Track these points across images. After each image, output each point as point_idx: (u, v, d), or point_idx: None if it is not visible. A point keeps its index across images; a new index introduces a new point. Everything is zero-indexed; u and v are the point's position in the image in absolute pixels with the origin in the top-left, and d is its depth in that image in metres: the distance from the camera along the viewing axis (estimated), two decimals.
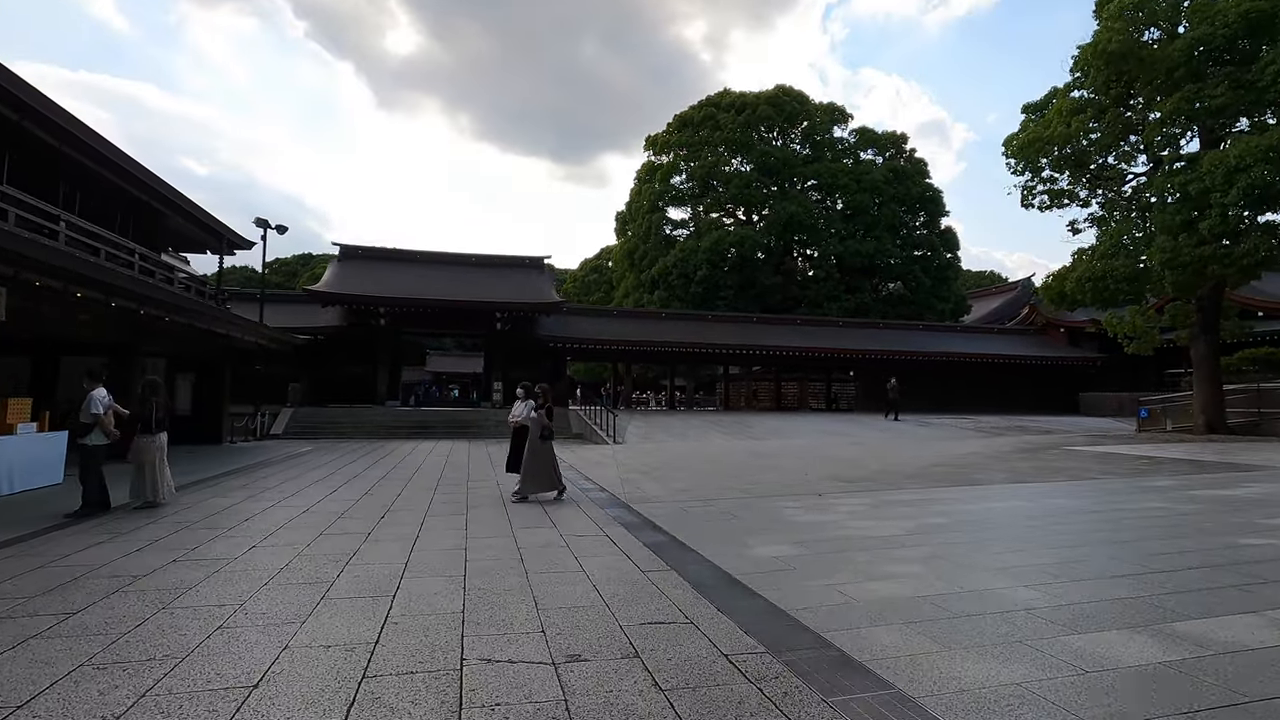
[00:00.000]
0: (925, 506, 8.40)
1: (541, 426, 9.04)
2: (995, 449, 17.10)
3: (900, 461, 14.11)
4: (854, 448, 17.76)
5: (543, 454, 9.05)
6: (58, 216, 10.84)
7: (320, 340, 24.88)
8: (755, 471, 12.39)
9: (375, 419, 23.28)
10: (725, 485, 10.51)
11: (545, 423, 9.08)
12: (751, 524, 7.36)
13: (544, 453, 9.07)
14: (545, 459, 9.06)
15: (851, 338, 33.14)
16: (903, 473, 12.09)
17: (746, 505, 8.61)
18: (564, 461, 14.22)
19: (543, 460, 9.05)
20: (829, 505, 8.58)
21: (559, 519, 7.64)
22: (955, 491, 9.74)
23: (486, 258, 30.34)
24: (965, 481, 10.78)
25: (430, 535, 6.69)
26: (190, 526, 6.94)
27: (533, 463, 9.00)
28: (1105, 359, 33.51)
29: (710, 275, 36.85)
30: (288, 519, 7.45)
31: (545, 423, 9.08)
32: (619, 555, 5.91)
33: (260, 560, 5.56)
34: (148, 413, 7.90)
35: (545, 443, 9.07)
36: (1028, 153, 19.59)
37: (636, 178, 43.34)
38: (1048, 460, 14.15)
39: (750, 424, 24.53)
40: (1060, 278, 19.70)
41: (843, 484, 10.58)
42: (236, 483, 10.57)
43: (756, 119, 39.22)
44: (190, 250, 19.92)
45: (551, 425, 9.22)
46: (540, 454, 9.04)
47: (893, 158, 41.59)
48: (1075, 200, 22.35)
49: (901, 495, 9.38)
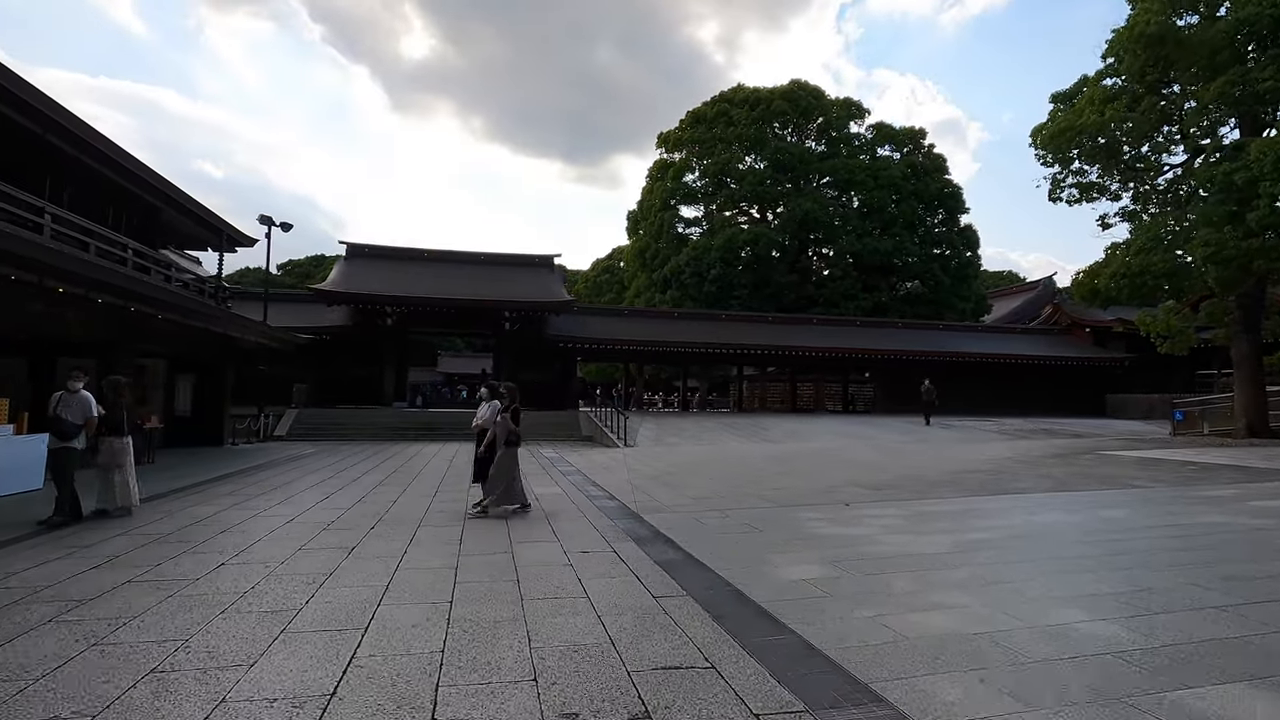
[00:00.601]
0: (964, 519, 7.67)
1: (508, 431, 8.01)
2: (1025, 453, 16.26)
3: (926, 466, 13.34)
4: (875, 451, 16.99)
5: (507, 462, 7.97)
6: (42, 209, 10.35)
7: (326, 340, 24.45)
8: (774, 477, 11.69)
9: (381, 420, 22.78)
10: (743, 493, 9.82)
11: (512, 426, 8.03)
12: (774, 538, 6.68)
13: (508, 461, 7.98)
14: (509, 468, 7.99)
15: (869, 337, 32.28)
16: (932, 479, 11.34)
17: (767, 516, 7.92)
18: (571, 466, 13.62)
19: (507, 469, 7.99)
20: (857, 516, 7.88)
21: (563, 532, 6.99)
22: (994, 501, 8.99)
23: (496, 256, 29.80)
24: (1002, 490, 10.01)
25: (420, 550, 6.07)
26: (160, 539, 6.36)
27: (499, 470, 7.96)
28: (1133, 359, 32.40)
29: (724, 274, 36.10)
30: (268, 531, 6.85)
31: (512, 426, 8.03)
32: (628, 576, 5.25)
33: (224, 581, 4.95)
34: (118, 414, 7.36)
35: (511, 449, 8.01)
36: (1058, 143, 18.70)
37: (648, 176, 42.71)
38: (1084, 466, 13.33)
39: (766, 426, 23.79)
40: (1092, 274, 18.80)
41: (868, 491, 9.86)
42: (225, 489, 10.03)
43: (771, 114, 38.42)
44: (191, 247, 19.53)
45: (519, 430, 8.16)
46: (504, 463, 7.96)
47: (911, 154, 40.62)
48: (1105, 194, 21.43)
49: (936, 505, 8.64)
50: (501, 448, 8.00)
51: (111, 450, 7.33)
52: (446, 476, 11.69)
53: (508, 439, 8.02)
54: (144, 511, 7.76)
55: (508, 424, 8.05)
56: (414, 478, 11.56)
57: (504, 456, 7.98)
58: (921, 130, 41.58)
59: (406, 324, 26.13)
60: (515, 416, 8.16)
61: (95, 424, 7.13)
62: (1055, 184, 21.06)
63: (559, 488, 10.47)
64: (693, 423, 24.47)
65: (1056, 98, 21.41)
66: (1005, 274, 79.49)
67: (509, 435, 8.02)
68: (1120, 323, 32.08)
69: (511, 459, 8.01)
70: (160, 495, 9.02)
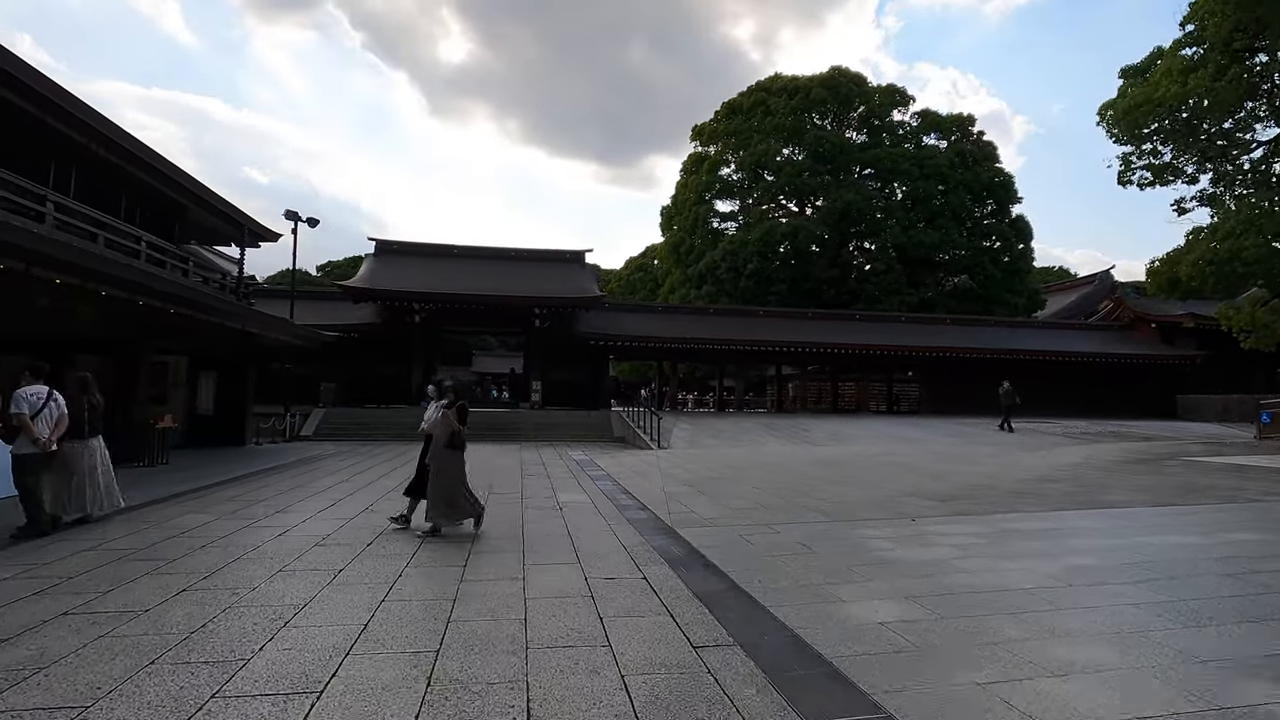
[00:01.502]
0: (1059, 540, 6.48)
1: (450, 431, 6.75)
2: (1100, 459, 14.76)
3: (993, 474, 12.04)
4: (931, 456, 15.66)
5: (451, 469, 6.71)
6: (44, 196, 9.83)
7: (354, 339, 24.02)
8: (822, 484, 10.57)
9: (407, 420, 22.13)
10: (790, 503, 8.74)
11: (456, 426, 6.79)
12: (833, 562, 5.62)
13: (452, 468, 6.73)
14: (453, 476, 6.74)
15: (915, 334, 30.65)
16: (1004, 489, 10.08)
17: (822, 533, 6.84)
18: (601, 470, 12.68)
19: (451, 477, 6.73)
20: (928, 534, 6.75)
21: (586, 551, 6.04)
22: (1087, 517, 7.74)
23: (525, 252, 29.10)
24: (1092, 503, 8.73)
25: (417, 574, 5.18)
26: (128, 556, 5.60)
27: (438, 482, 6.70)
28: (1205, 357, 30.10)
29: (761, 268, 34.79)
30: (253, 546, 6.05)
31: (456, 426, 6.79)
32: (660, 614, 4.26)
33: (174, 616, 4.12)
34: (79, 414, 6.64)
35: (454, 453, 6.76)
36: (1131, 119, 17.05)
37: (683, 170, 41.59)
38: (1174, 475, 11.86)
39: (807, 427, 22.53)
40: (1172, 262, 17.12)
41: (934, 504, 8.68)
42: (229, 493, 9.34)
43: (810, 103, 36.90)
44: (213, 242, 19.20)
45: (464, 430, 6.91)
46: (447, 470, 6.70)
47: (958, 141, 38.62)
48: (1181, 176, 19.66)
49: (1019, 522, 7.44)
50: (443, 452, 6.71)
51: (67, 454, 6.61)
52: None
53: (450, 440, 6.75)
54: (127, 521, 7.06)
55: (450, 422, 6.76)
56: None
57: (445, 463, 6.69)
58: (970, 117, 39.59)
59: (435, 322, 25.57)
60: (461, 414, 6.91)
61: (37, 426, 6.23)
62: (1126, 165, 19.39)
63: (585, 495, 9.54)
64: (729, 423, 23.35)
65: (1126, 72, 19.75)
66: (1054, 270, 76.17)
67: (451, 436, 6.75)
68: (1191, 317, 29.88)
69: (455, 466, 6.77)
70: (157, 501, 8.36)
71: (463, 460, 6.89)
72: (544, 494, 9.60)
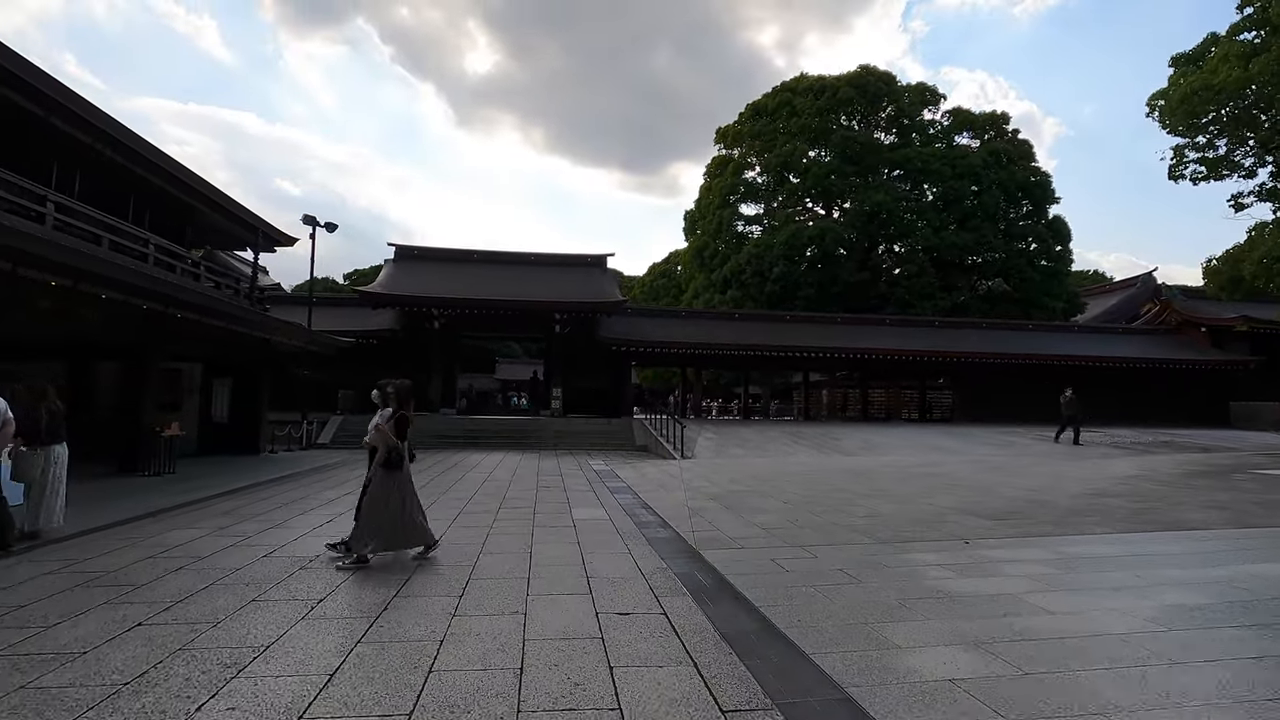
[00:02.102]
0: (1143, 569, 5.64)
1: (388, 448, 5.70)
2: (1158, 471, 13.69)
3: (1045, 488, 11.11)
4: (972, 466, 14.72)
5: (389, 491, 5.66)
6: (44, 196, 9.50)
7: (373, 345, 23.69)
8: (859, 499, 9.77)
9: (426, 427, 21.74)
10: (825, 521, 7.98)
11: (392, 441, 5.71)
12: (883, 596, 4.87)
13: (390, 489, 5.67)
14: (392, 499, 5.65)
15: (949, 339, 29.49)
16: (1060, 505, 9.19)
17: (865, 558, 6.09)
18: (621, 482, 11.99)
19: (388, 500, 5.64)
20: (988, 560, 5.95)
21: (599, 576, 5.37)
22: (1163, 540, 6.85)
23: (546, 256, 28.60)
24: (1165, 523, 7.81)
25: (405, 607, 4.55)
26: (93, 580, 5.07)
27: (372, 509, 5.62)
28: (1260, 362, 28.49)
29: (787, 272, 33.85)
30: (232, 569, 5.49)
31: (392, 441, 5.71)
32: (683, 663, 3.57)
33: (111, 662, 3.53)
34: (34, 421, 6.15)
35: (391, 475, 5.69)
36: (1188, 108, 15.95)
37: (706, 173, 40.86)
38: (1248, 490, 10.82)
39: (837, 436, 21.62)
40: (1233, 260, 16.12)
41: (988, 523, 7.85)
42: (226, 506, 8.86)
43: (837, 103, 35.94)
44: (229, 247, 19.02)
45: (402, 445, 5.84)
46: (381, 496, 5.64)
47: (992, 140, 37.33)
48: (1238, 170, 18.47)
49: (1089, 545, 6.60)
50: (380, 471, 5.70)
51: (20, 463, 6.14)
52: (476, 496, 10.27)
53: (386, 458, 5.71)
54: (106, 538, 6.57)
55: (386, 436, 5.72)
56: (441, 495, 10.18)
57: (379, 485, 5.68)
58: (1004, 115, 38.29)
59: (455, 328, 25.17)
60: (399, 427, 5.79)
61: None
62: (1179, 159, 18.27)
63: (604, 510, 8.87)
64: (755, 432, 22.52)
65: (1177, 60, 18.62)
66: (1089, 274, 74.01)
67: (388, 453, 5.71)
68: (1244, 320, 28.33)
69: (391, 487, 5.68)
70: (148, 515, 7.89)
71: (406, 482, 5.81)
72: (558, 508, 8.96)
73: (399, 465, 5.78)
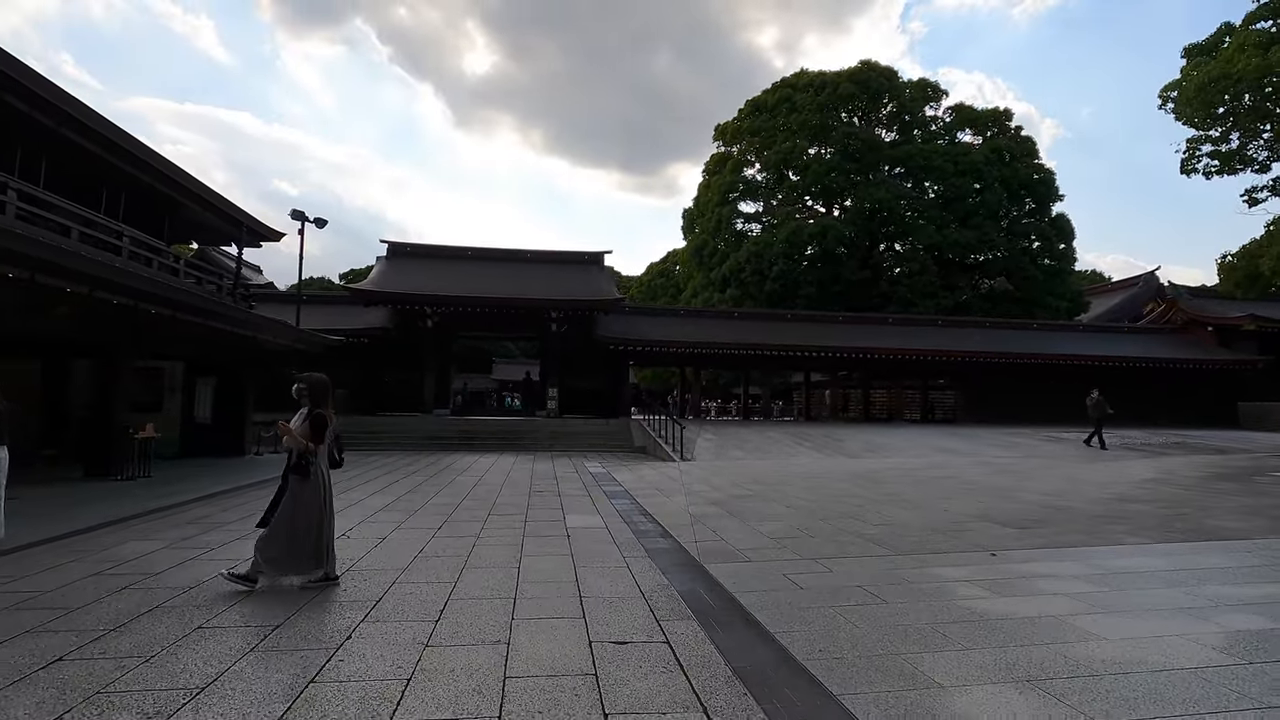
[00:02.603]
0: (1192, 586, 5.10)
1: (298, 453, 4.86)
2: (1177, 474, 13.20)
3: (1061, 491, 10.60)
4: (982, 469, 14.20)
5: (303, 504, 4.85)
6: (4, 183, 8.93)
7: (364, 344, 23.12)
8: (869, 505, 9.24)
9: (420, 428, 21.23)
10: (836, 529, 7.45)
11: (303, 445, 4.84)
12: (912, 617, 4.34)
13: (300, 502, 4.85)
14: (299, 515, 4.83)
15: (952, 338, 28.99)
16: (1085, 512, 8.66)
17: (886, 572, 5.55)
18: (618, 485, 11.43)
19: (294, 515, 4.83)
20: (1020, 575, 5.42)
21: (593, 596, 4.83)
22: (1208, 552, 6.32)
23: (541, 254, 28.03)
24: (1202, 531, 7.29)
25: (373, 635, 4.00)
26: (20, 604, 4.52)
27: (281, 520, 4.84)
28: (1269, 361, 28.01)
29: (787, 270, 33.34)
30: (183, 589, 4.94)
31: (303, 445, 4.84)
32: (691, 709, 3.03)
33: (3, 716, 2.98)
34: None
35: (303, 483, 4.86)
36: (1205, 97, 15.45)
37: (705, 170, 40.35)
38: (1277, 495, 10.32)
39: (840, 437, 21.10)
40: (1251, 255, 15.59)
41: (1012, 531, 7.32)
42: (196, 513, 8.31)
43: (838, 98, 35.44)
44: (213, 241, 18.43)
45: (315, 450, 4.90)
46: (299, 505, 4.85)
47: (995, 137, 36.85)
48: (1250, 165, 18.01)
49: (1127, 558, 6.06)
50: (294, 481, 4.88)
51: None
52: (465, 502, 9.72)
53: (297, 463, 4.86)
54: (54, 550, 6.01)
55: (295, 439, 4.85)
56: (427, 501, 9.64)
57: (292, 495, 4.87)
58: (1007, 111, 37.84)
59: (448, 326, 24.60)
60: (315, 428, 4.91)
61: None
62: (1191, 152, 17.81)
63: (599, 518, 8.33)
64: (756, 433, 21.98)
65: (1190, 51, 18.15)
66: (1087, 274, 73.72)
67: (299, 458, 4.86)
68: (1253, 319, 27.86)
69: (305, 498, 4.86)
70: (107, 524, 7.33)
71: (319, 494, 4.92)
72: (552, 516, 8.42)
73: (304, 473, 4.85)
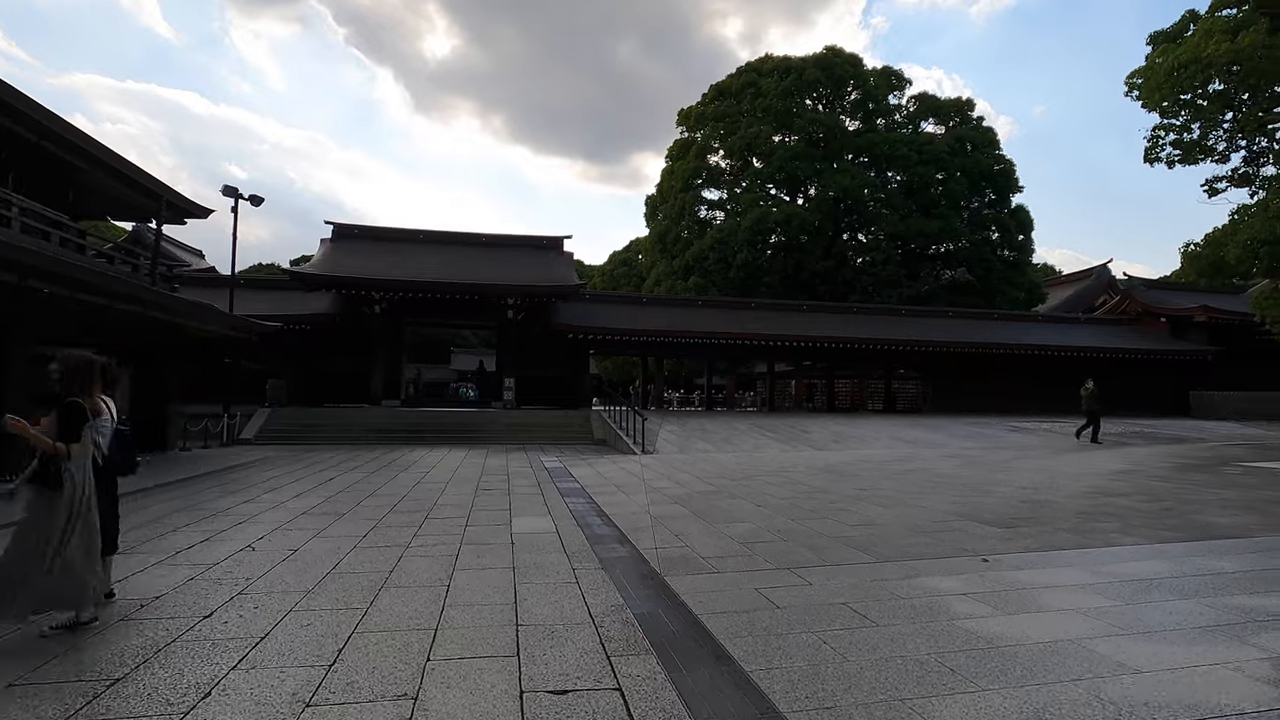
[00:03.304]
0: (1215, 596, 4.54)
1: (37, 454, 3.72)
2: (1146, 465, 12.99)
3: (1038, 484, 10.17)
4: (953, 461, 13.81)
5: (39, 521, 3.71)
6: None
7: (306, 330, 21.74)
8: (843, 502, 8.61)
9: (366, 420, 20.03)
10: (810, 531, 6.77)
11: (48, 444, 3.69)
12: (911, 647, 3.64)
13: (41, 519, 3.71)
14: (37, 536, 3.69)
15: (917, 328, 28.88)
16: (1066, 507, 8.18)
17: (870, 583, 4.87)
18: (575, 482, 10.57)
19: (33, 535, 3.69)
20: (1019, 585, 4.79)
21: (531, 626, 4.01)
22: (1215, 554, 5.81)
23: (499, 238, 26.86)
24: (1197, 529, 6.82)
25: (233, 692, 3.11)
26: None
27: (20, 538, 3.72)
28: (1217, 352, 28.66)
29: (751, 258, 32.82)
30: (11, 628, 3.95)
31: (48, 444, 3.69)
32: None
33: None
34: None
35: (40, 494, 3.73)
36: (1175, 82, 15.24)
37: (668, 156, 39.50)
38: (1250, 486, 10.09)
39: (806, 428, 20.63)
40: (1216, 244, 15.43)
41: (997, 531, 6.75)
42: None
43: (803, 84, 34.92)
44: (129, 218, 16.90)
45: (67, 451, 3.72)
46: (34, 521, 3.73)
47: (957, 127, 36.93)
48: (1211, 155, 18.01)
49: (1131, 563, 5.50)
50: (27, 491, 3.74)
51: None
52: (401, 504, 8.77)
53: (40, 470, 3.72)
54: None
55: (39, 439, 3.68)
56: (360, 501, 8.66)
57: (30, 513, 3.73)
58: (969, 101, 37.95)
59: (398, 313, 23.33)
60: (67, 420, 3.78)
61: None
62: (1155, 141, 17.72)
63: (551, 520, 7.49)
64: (721, 424, 21.38)
65: (1156, 39, 18.09)
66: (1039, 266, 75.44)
67: (44, 464, 3.73)
68: (1204, 310, 28.47)
69: (46, 516, 3.70)
70: None
71: (59, 506, 3.71)
72: (497, 519, 7.55)
73: (58, 484, 3.70)
